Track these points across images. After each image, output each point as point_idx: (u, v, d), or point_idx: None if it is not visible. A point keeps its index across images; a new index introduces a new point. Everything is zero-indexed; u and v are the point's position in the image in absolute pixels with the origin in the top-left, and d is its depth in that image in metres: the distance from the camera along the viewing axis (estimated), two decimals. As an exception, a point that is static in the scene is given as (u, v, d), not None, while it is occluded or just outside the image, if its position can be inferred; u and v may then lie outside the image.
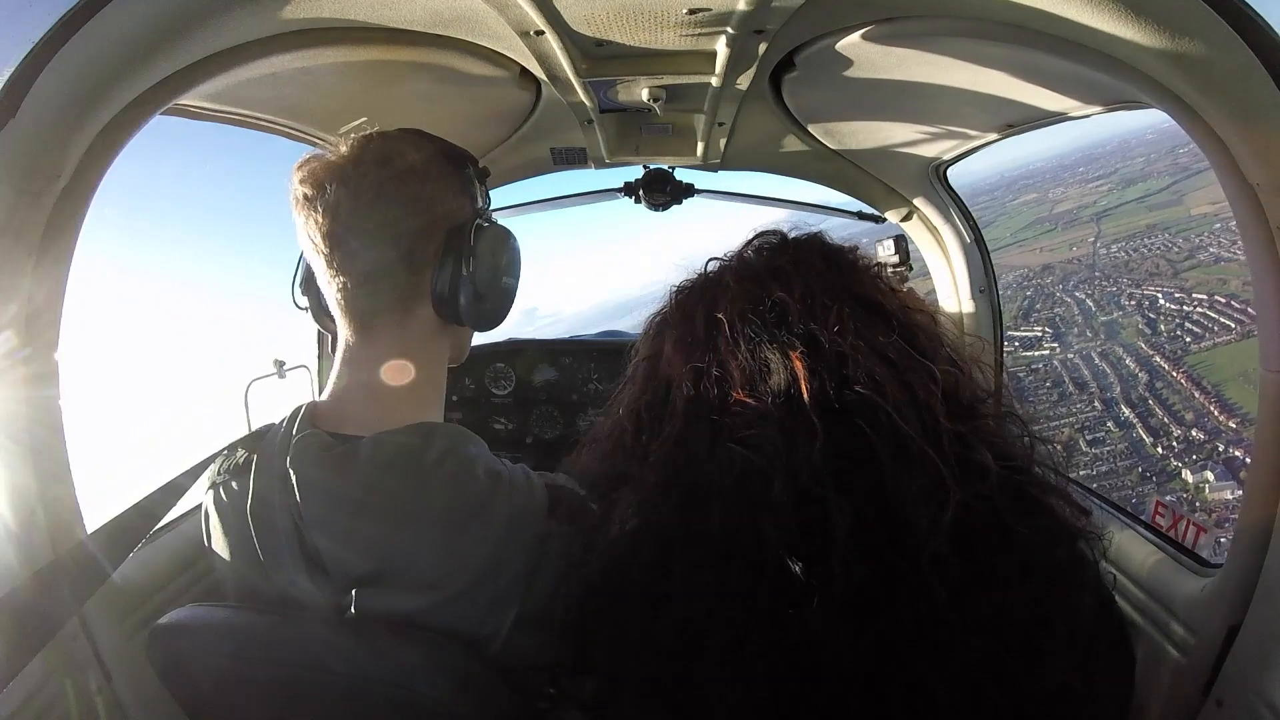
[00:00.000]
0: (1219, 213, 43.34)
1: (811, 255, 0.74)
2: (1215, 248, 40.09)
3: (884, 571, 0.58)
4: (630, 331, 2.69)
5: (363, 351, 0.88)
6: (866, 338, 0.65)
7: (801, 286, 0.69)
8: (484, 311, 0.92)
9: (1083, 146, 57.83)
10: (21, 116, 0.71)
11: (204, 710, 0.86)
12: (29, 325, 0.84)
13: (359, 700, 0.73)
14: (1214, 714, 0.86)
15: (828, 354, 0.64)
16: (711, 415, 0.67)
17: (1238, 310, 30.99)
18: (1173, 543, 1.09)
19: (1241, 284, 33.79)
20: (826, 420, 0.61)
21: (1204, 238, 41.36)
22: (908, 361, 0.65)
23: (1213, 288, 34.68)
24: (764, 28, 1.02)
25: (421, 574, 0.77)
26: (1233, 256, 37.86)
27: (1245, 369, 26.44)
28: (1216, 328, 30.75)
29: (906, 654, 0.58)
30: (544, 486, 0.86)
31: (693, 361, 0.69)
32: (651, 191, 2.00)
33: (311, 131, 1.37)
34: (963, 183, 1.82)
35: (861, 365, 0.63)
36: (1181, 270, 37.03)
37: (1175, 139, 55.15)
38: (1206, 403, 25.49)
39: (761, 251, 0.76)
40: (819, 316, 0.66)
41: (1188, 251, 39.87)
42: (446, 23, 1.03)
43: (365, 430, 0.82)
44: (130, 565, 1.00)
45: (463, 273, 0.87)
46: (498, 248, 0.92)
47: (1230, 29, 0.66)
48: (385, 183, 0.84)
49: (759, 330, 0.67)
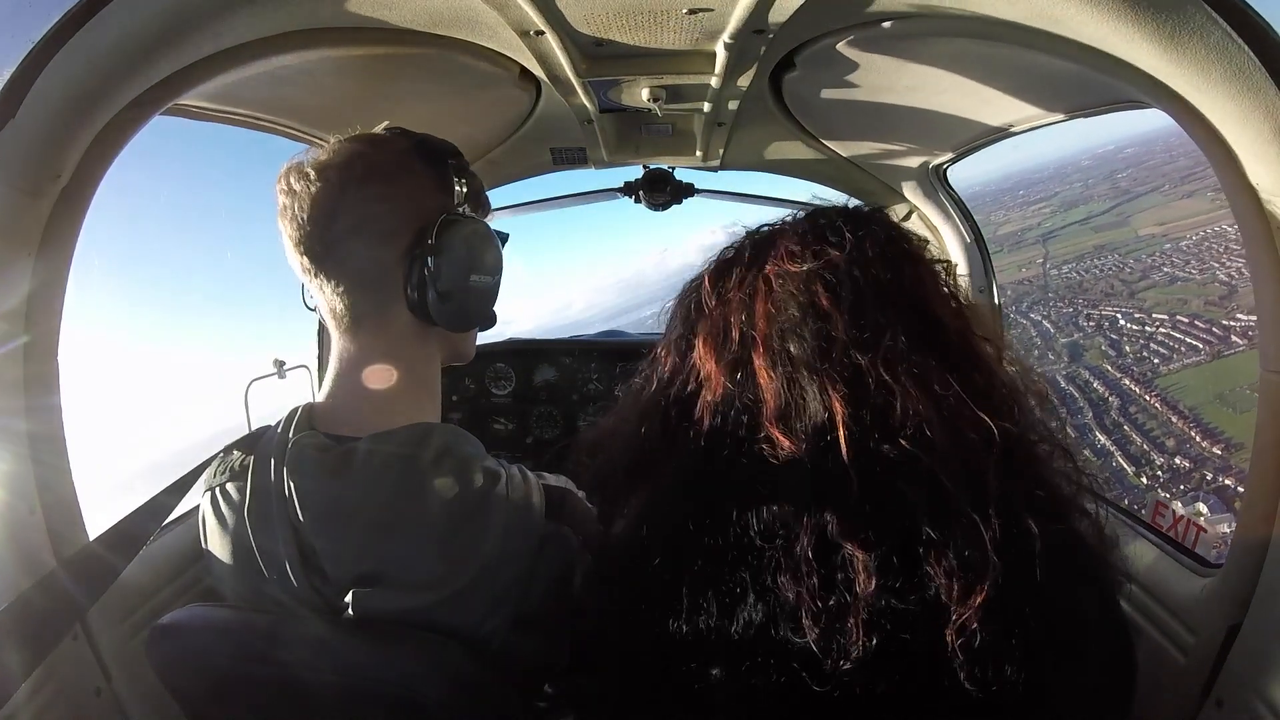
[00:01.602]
0: (1168, 233, 43.79)
1: (870, 249, 0.66)
2: (1169, 267, 40.13)
3: (902, 642, 0.55)
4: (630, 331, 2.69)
5: (351, 353, 0.88)
6: (920, 379, 0.59)
7: (852, 297, 0.62)
8: (452, 311, 0.87)
9: (1019, 171, 58.29)
10: (21, 116, 0.71)
11: (204, 710, 0.86)
12: (29, 326, 0.84)
13: (358, 701, 0.73)
14: (1214, 714, 0.85)
15: (872, 396, 0.58)
16: (739, 442, 0.63)
17: (1203, 330, 30.62)
18: (1173, 543, 1.09)
19: (1204, 304, 33.56)
20: (862, 474, 0.57)
21: (1155, 258, 41.50)
22: (961, 408, 0.58)
23: (1173, 307, 34.42)
24: (764, 28, 1.02)
25: (419, 574, 0.77)
26: (1188, 276, 37.96)
27: (1221, 390, 25.94)
28: (1184, 349, 30.25)
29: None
30: (542, 487, 0.85)
31: (724, 374, 0.65)
32: (651, 191, 2.00)
33: (311, 131, 1.37)
34: (963, 183, 1.82)
35: (909, 414, 0.57)
36: (1138, 290, 36.98)
37: (1113, 164, 55.85)
38: (1186, 427, 24.74)
39: (813, 235, 0.68)
40: (868, 344, 0.60)
41: (1141, 272, 39.92)
42: (446, 23, 1.03)
43: (361, 431, 0.82)
44: (130, 565, 1.00)
45: (425, 272, 0.84)
46: (464, 243, 0.87)
47: (1230, 29, 0.66)
48: (349, 185, 0.83)
49: (798, 355, 0.62)
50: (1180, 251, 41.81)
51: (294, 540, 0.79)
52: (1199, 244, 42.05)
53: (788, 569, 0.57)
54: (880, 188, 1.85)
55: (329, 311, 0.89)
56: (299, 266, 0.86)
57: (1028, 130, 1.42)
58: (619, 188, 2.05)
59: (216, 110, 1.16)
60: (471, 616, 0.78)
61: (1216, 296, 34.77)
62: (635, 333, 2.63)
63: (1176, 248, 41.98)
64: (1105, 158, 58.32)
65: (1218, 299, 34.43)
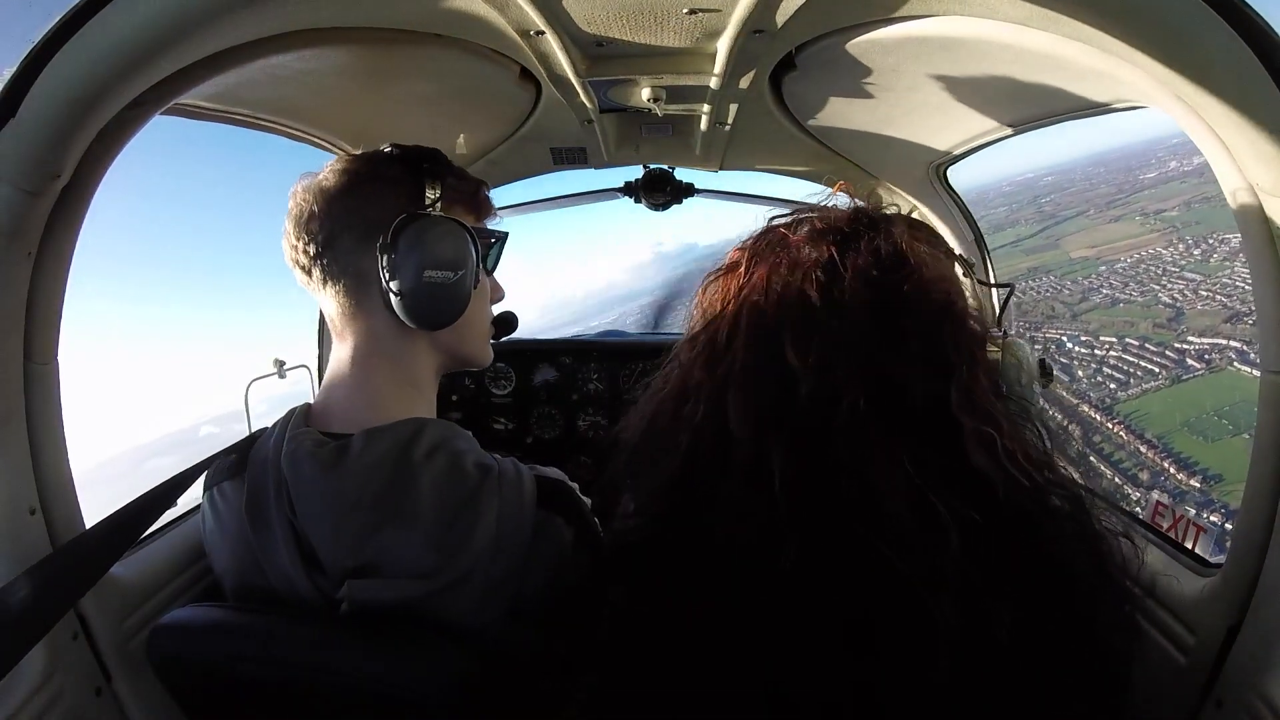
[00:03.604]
0: (1100, 255, 44.19)
1: (926, 281, 0.67)
2: (1108, 289, 40.34)
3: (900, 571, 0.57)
4: (630, 332, 2.69)
5: (343, 354, 0.92)
6: (982, 404, 0.62)
7: (916, 325, 0.64)
8: (416, 309, 0.88)
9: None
10: (21, 116, 0.71)
11: (204, 710, 0.87)
12: (29, 325, 0.84)
13: (358, 699, 0.73)
14: (1214, 714, 0.85)
15: (938, 428, 0.61)
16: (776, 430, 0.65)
17: (1156, 353, 30.11)
18: (1172, 543, 1.08)
19: (1152, 326, 33.44)
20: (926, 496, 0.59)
21: (1092, 280, 41.80)
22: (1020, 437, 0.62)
23: (1120, 330, 34.14)
24: (764, 28, 1.02)
25: (412, 566, 0.78)
26: (1130, 298, 38.12)
27: (1187, 418, 25.35)
28: (1140, 372, 29.71)
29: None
30: (534, 478, 0.86)
31: (761, 366, 0.66)
32: (651, 191, 2.00)
33: (312, 131, 1.37)
34: (963, 183, 1.82)
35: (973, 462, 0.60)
36: (1080, 313, 36.84)
37: (1035, 189, 56.01)
38: (1158, 459, 23.96)
39: (871, 246, 0.69)
40: (935, 373, 0.63)
41: (1080, 294, 39.99)
42: (446, 23, 1.03)
43: (355, 428, 0.83)
44: (130, 565, 1.00)
45: (384, 273, 0.87)
46: (417, 240, 0.87)
47: (1230, 29, 0.66)
48: (332, 200, 0.89)
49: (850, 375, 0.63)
50: (1117, 274, 42.20)
51: (291, 536, 0.80)
52: (1135, 266, 42.31)
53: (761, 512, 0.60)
54: (880, 187, 1.85)
55: (327, 316, 0.94)
56: (300, 280, 0.93)
57: (1028, 130, 1.42)
58: (619, 188, 2.05)
59: (216, 110, 1.16)
60: (466, 608, 0.78)
61: (1164, 319, 34.44)
62: (635, 333, 2.63)
63: (1112, 270, 42.41)
64: (1026, 184, 59.49)
65: (1166, 321, 34.08)
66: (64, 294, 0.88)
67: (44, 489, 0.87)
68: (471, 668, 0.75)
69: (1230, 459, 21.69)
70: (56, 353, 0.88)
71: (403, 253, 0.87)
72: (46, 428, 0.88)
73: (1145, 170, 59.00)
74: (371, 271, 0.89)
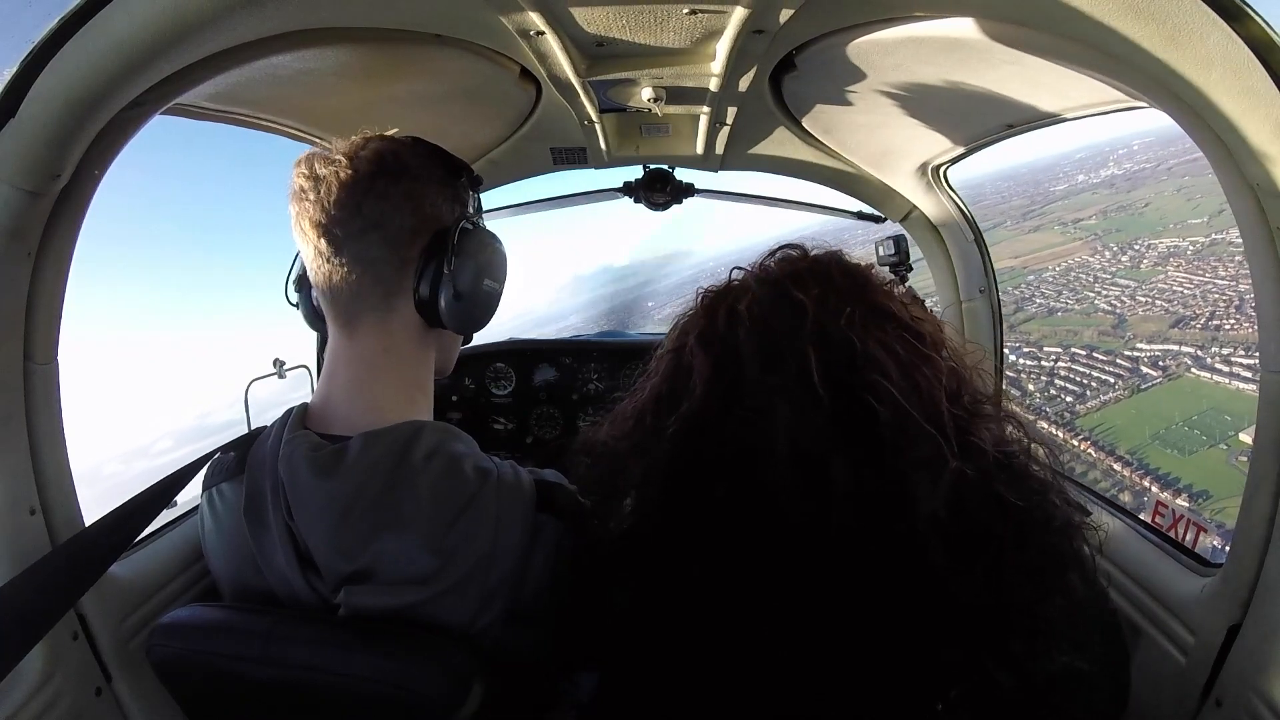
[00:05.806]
0: (1026, 265, 43.83)
1: (830, 268, 0.76)
2: (1041, 299, 39.64)
3: (882, 530, 0.60)
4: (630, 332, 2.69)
5: (348, 351, 0.89)
6: (875, 333, 0.67)
7: (818, 290, 0.71)
8: (463, 313, 0.91)
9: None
10: (21, 116, 0.71)
11: (204, 710, 0.86)
12: (29, 325, 0.84)
13: (357, 700, 0.73)
14: (1214, 714, 0.85)
15: (837, 342, 0.66)
16: (726, 393, 0.69)
17: (1107, 362, 29.09)
18: (1172, 543, 1.09)
19: (1097, 334, 32.62)
20: (832, 394, 0.63)
21: (1022, 289, 41.19)
22: (913, 355, 0.67)
23: (1064, 339, 33.17)
24: (764, 28, 1.02)
25: (410, 571, 0.78)
26: (1066, 306, 37.38)
27: (1156, 430, 23.93)
28: (1095, 384, 28.48)
29: (909, 624, 0.59)
30: (533, 481, 0.86)
31: (713, 352, 0.71)
32: (651, 191, 2.00)
33: (312, 131, 1.37)
34: (963, 183, 1.83)
35: (870, 354, 0.65)
36: (1017, 324, 35.93)
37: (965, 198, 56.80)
38: (1136, 478, 22.33)
39: (783, 261, 0.78)
40: (832, 314, 0.68)
41: (1014, 304, 39.25)
42: (446, 23, 1.03)
43: (353, 430, 0.82)
44: (130, 565, 1.00)
45: (444, 273, 0.88)
46: (481, 251, 0.93)
47: (1230, 29, 0.66)
48: (377, 178, 0.86)
49: (776, 323, 0.69)
50: (1047, 283, 41.65)
51: (289, 539, 0.80)
52: (1064, 274, 41.78)
53: (770, 473, 0.62)
54: (880, 187, 1.85)
55: (327, 300, 0.90)
56: (313, 250, 0.87)
57: (1028, 130, 1.42)
58: (619, 188, 2.05)
59: (216, 110, 1.16)
60: (465, 613, 0.78)
61: (1109, 326, 33.65)
62: (635, 333, 2.63)
63: (1041, 279, 41.89)
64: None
65: (1110, 328, 33.27)
66: (64, 294, 0.88)
67: (44, 489, 0.87)
68: (471, 667, 0.75)
69: (1212, 472, 20.20)
70: (56, 353, 0.88)
71: (465, 259, 0.89)
72: (46, 427, 0.88)
73: (1055, 183, 59.30)
74: (408, 267, 0.88)
